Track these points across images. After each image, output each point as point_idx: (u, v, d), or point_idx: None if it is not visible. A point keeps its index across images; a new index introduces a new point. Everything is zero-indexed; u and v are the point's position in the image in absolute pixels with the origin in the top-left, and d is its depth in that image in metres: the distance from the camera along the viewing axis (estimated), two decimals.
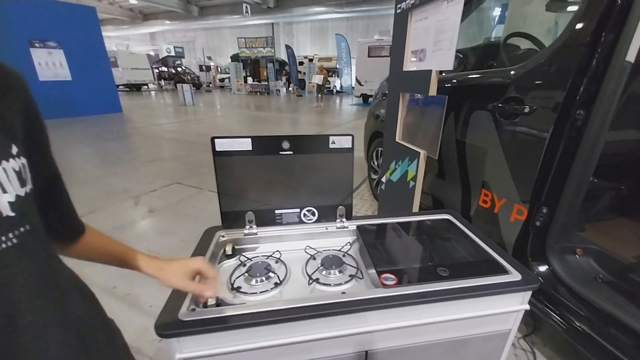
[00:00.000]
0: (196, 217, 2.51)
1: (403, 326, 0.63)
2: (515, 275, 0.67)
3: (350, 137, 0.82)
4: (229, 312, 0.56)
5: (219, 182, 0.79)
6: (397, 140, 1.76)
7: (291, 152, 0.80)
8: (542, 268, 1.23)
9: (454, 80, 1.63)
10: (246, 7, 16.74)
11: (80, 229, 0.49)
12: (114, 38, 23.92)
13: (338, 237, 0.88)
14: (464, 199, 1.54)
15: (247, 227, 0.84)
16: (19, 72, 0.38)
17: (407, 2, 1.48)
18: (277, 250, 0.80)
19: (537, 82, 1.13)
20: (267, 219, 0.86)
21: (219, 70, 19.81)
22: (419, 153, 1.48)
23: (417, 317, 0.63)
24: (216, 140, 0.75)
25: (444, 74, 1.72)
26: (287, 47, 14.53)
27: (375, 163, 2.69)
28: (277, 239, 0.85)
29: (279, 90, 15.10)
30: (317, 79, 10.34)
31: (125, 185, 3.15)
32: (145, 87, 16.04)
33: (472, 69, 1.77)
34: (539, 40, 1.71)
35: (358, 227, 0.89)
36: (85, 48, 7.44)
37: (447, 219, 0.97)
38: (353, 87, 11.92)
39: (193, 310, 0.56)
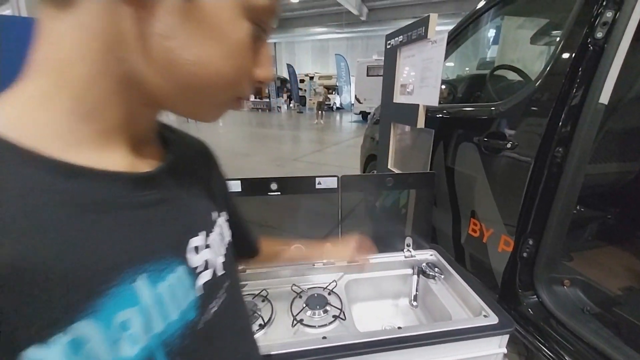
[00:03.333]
0: None
1: None
2: (492, 319, 0.70)
3: (336, 178, 0.86)
4: None
5: None
6: (389, 167, 1.81)
7: (279, 193, 0.84)
8: (531, 299, 1.24)
9: (444, 111, 1.69)
10: None
11: (258, 244, 0.57)
12: None
13: (325, 274, 0.90)
14: (454, 227, 1.56)
15: None
16: (208, 145, 0.46)
17: (396, 39, 1.56)
18: (264, 289, 0.83)
19: (517, 119, 1.18)
20: None
21: None
22: None
23: None
24: None
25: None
26: (289, 66, 14.90)
27: None
28: (265, 276, 0.88)
29: (279, 107, 15.37)
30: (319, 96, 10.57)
31: None
32: None
33: (461, 99, 1.84)
34: (524, 73, 1.78)
35: (347, 262, 0.91)
36: None
37: (434, 255, 1.00)
38: (352, 104, 12.14)
39: None
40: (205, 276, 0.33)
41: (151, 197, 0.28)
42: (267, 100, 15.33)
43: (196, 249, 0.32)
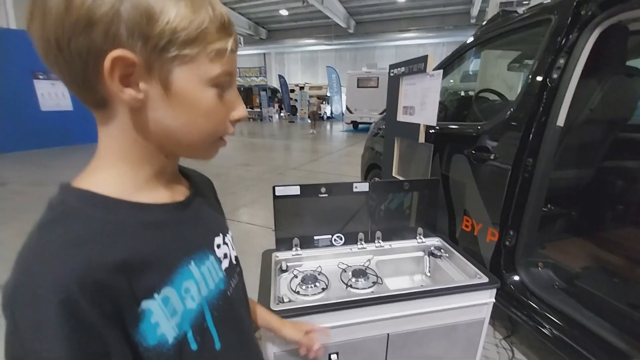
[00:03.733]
0: None
1: (412, 314, 0.94)
2: (484, 279, 1.00)
3: (368, 183, 1.16)
4: (300, 305, 0.86)
5: (276, 217, 1.10)
6: (393, 174, 2.12)
7: (326, 195, 1.13)
8: (513, 278, 1.56)
9: (437, 127, 2.02)
10: (239, 38, 17.62)
11: None
12: None
13: (360, 256, 1.19)
14: (450, 224, 1.88)
15: (294, 249, 1.15)
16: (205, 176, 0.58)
17: (398, 69, 1.89)
18: (319, 266, 1.11)
19: (498, 137, 1.51)
20: (307, 243, 1.17)
21: None
22: None
23: (420, 307, 0.94)
24: (276, 188, 1.08)
25: None
26: (280, 76, 15.27)
27: None
28: (315, 258, 1.16)
29: (271, 117, 15.66)
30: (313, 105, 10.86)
31: None
32: None
33: (451, 117, 2.18)
34: (503, 95, 2.15)
35: (375, 247, 1.21)
36: None
37: (440, 241, 1.30)
38: (343, 114, 12.58)
39: (277, 303, 0.86)
40: (225, 263, 0.47)
41: (187, 215, 0.42)
42: (259, 110, 15.61)
43: (218, 245, 0.46)
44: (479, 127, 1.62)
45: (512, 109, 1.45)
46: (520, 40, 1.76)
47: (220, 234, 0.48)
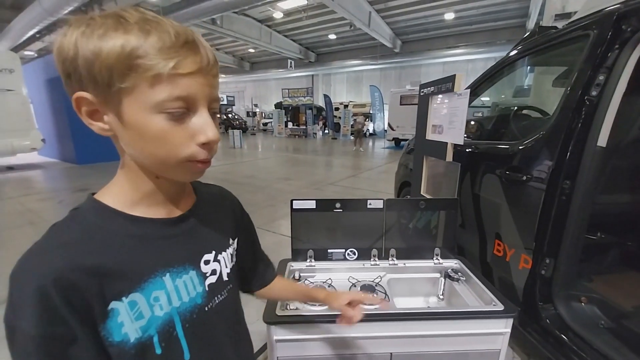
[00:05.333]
0: None
1: (416, 335, 0.92)
2: (499, 306, 0.95)
3: (382, 200, 1.19)
4: (304, 313, 0.91)
5: (293, 229, 1.18)
6: (422, 193, 2.08)
7: (341, 210, 1.18)
8: (550, 311, 1.42)
9: (471, 147, 1.95)
10: (291, 62, 18.76)
11: (274, 273, 0.73)
12: None
13: (372, 272, 1.20)
14: (481, 247, 1.78)
15: (308, 260, 1.20)
16: (230, 193, 0.65)
17: (428, 89, 1.90)
18: (329, 278, 1.15)
19: (531, 157, 1.43)
20: (322, 255, 1.22)
21: (263, 115, 21.82)
22: None
23: (426, 329, 0.93)
24: (294, 202, 1.16)
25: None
26: (325, 96, 15.80)
27: None
28: (328, 271, 1.20)
29: (315, 134, 16.14)
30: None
31: None
32: None
33: (487, 135, 2.10)
34: (544, 111, 2.02)
35: (389, 265, 1.21)
36: None
37: (458, 263, 1.26)
38: (385, 131, 12.50)
39: (283, 309, 0.92)
40: (212, 279, 0.50)
41: (177, 231, 0.47)
42: (304, 127, 16.21)
43: (206, 262, 0.49)
44: (508, 147, 1.55)
45: (542, 132, 1.38)
46: (558, 56, 1.67)
47: (213, 252, 0.51)
